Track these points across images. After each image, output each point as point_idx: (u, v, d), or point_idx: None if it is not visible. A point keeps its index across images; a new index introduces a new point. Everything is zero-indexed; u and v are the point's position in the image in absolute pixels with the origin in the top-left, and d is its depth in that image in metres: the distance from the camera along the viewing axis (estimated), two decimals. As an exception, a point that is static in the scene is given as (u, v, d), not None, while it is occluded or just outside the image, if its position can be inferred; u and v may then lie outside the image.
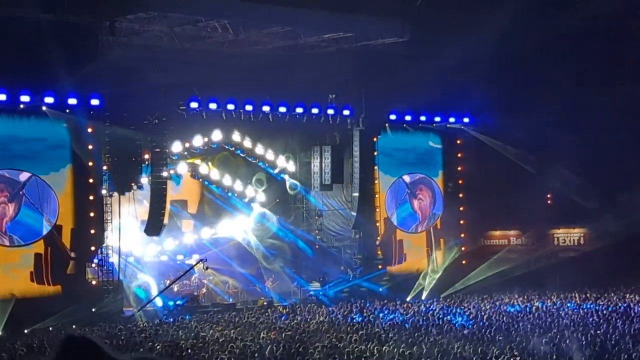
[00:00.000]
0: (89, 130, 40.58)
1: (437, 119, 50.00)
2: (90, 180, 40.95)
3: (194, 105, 42.93)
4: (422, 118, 49.52)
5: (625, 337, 28.17)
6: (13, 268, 39.26)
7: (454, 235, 50.51)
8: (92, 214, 41.00)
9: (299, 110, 45.56)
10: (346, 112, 46.82)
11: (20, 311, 36.86)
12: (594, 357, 23.66)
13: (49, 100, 39.43)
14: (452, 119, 50.52)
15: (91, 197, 41.04)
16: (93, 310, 39.61)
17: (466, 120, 50.69)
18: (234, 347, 27.25)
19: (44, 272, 39.85)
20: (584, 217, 51.82)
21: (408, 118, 49.12)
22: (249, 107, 44.19)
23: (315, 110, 46.09)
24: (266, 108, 44.61)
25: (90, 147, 40.69)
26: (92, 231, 40.98)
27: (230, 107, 43.82)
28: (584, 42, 47.65)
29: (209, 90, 43.17)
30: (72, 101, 39.90)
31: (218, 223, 48.87)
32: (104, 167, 41.43)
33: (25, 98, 38.97)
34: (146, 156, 41.66)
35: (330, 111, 46.41)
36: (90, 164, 40.80)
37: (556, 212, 52.44)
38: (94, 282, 41.25)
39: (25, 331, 34.19)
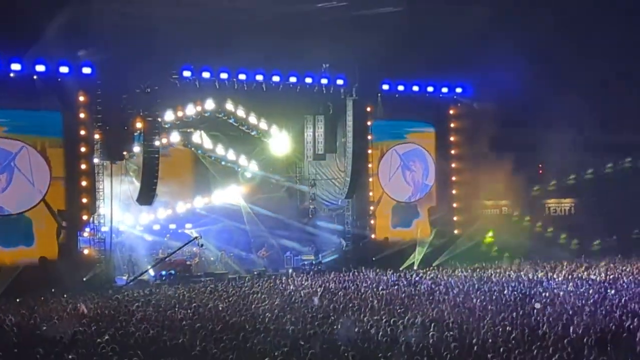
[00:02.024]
0: (81, 99, 40.42)
1: (430, 89, 49.81)
2: (82, 149, 40.84)
3: (186, 74, 42.79)
4: (415, 88, 49.31)
5: (615, 307, 28.20)
6: (5, 238, 39.24)
7: (446, 205, 50.48)
8: (84, 183, 40.91)
9: (293, 79, 45.42)
10: (340, 82, 46.69)
11: (12, 280, 36.83)
12: (583, 326, 23.64)
13: (40, 68, 39.28)
14: (444, 89, 50.32)
15: (83, 166, 40.94)
16: (84, 279, 39.61)
17: (459, 90, 50.50)
18: (225, 316, 27.24)
19: (35, 241, 39.84)
20: (576, 188, 52.00)
21: (401, 88, 48.93)
22: (242, 76, 44.06)
23: (308, 80, 45.97)
24: (259, 77, 44.49)
25: (82, 115, 40.55)
26: (84, 200, 40.91)
27: (224, 76, 43.68)
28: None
29: (203, 58, 42.96)
30: (64, 70, 39.78)
31: (211, 192, 48.88)
32: (96, 136, 41.29)
33: (16, 66, 38.82)
34: (138, 125, 41.49)
35: (324, 81, 46.29)
36: (83, 132, 40.70)
37: (548, 182, 52.56)
38: (85, 251, 41.23)
39: (18, 300, 34.09)
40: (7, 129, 39.35)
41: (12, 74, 38.91)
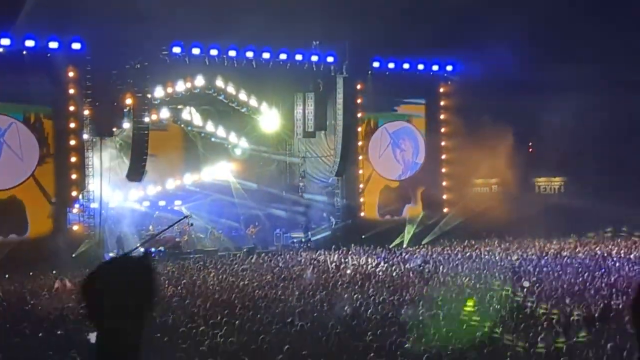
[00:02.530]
0: (70, 74, 40.28)
1: (421, 66, 49.73)
2: (72, 125, 40.73)
3: (176, 50, 42.66)
4: (406, 66, 49.23)
5: (604, 285, 28.32)
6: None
7: (436, 184, 50.52)
8: (73, 159, 40.82)
9: (283, 56, 45.29)
10: (330, 59, 46.55)
11: (2, 257, 36.79)
12: (575, 304, 23.75)
13: (30, 43, 39.10)
14: (435, 67, 50.26)
15: (72, 142, 40.85)
16: (73, 255, 39.56)
17: (449, 68, 50.45)
18: (215, 294, 27.29)
19: (25, 217, 39.80)
20: (565, 166, 52.15)
21: (391, 66, 48.84)
22: (232, 53, 43.92)
23: (299, 57, 45.86)
24: (250, 54, 44.35)
25: (71, 91, 40.43)
26: (74, 176, 40.84)
27: (214, 52, 43.55)
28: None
29: (193, 35, 42.81)
30: (53, 45, 39.60)
31: (201, 169, 48.86)
32: (86, 112, 41.17)
33: (5, 41, 38.63)
34: (128, 101, 41.37)
35: (314, 58, 46.19)
36: (72, 108, 40.57)
37: (538, 160, 52.66)
38: (75, 228, 41.20)
39: (7, 276, 34.09)
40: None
41: (0, 49, 38.70)
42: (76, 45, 39.93)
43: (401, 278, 31.38)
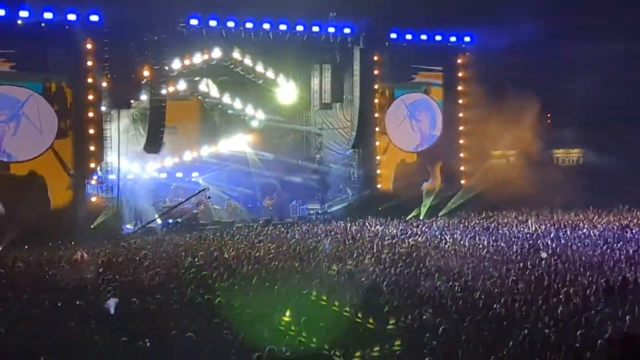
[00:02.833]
0: (88, 46, 40.30)
1: (438, 37, 49.44)
2: (90, 97, 40.78)
3: (193, 22, 42.57)
4: (423, 37, 48.98)
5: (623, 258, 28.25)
6: (14, 185, 39.28)
7: (453, 155, 50.36)
8: (91, 131, 40.90)
9: (300, 28, 45.10)
10: (347, 31, 46.37)
11: (23, 228, 36.86)
12: (593, 276, 23.71)
13: (48, 15, 39.09)
14: (453, 38, 50.00)
15: (91, 114, 40.91)
16: (91, 227, 39.74)
17: (467, 39, 50.18)
18: (232, 265, 27.38)
19: (47, 192, 39.93)
20: (583, 138, 51.94)
21: (409, 37, 48.61)
22: (249, 25, 43.80)
23: (315, 29, 45.66)
24: (266, 26, 44.23)
25: (89, 63, 40.46)
26: (92, 148, 40.92)
27: (231, 24, 43.44)
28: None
29: (210, 7, 42.74)
30: (72, 17, 39.61)
31: (218, 140, 48.90)
32: (104, 84, 41.22)
33: (23, 14, 38.65)
34: (146, 73, 41.38)
35: (331, 29, 45.99)
36: (90, 80, 40.60)
37: (556, 132, 52.45)
38: (93, 199, 41.34)
39: (26, 247, 34.24)
40: (16, 65, 39.11)
41: (20, 21, 38.74)
42: (94, 18, 39.91)
43: (418, 250, 31.36)
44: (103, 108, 41.56)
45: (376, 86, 48.28)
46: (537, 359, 15.09)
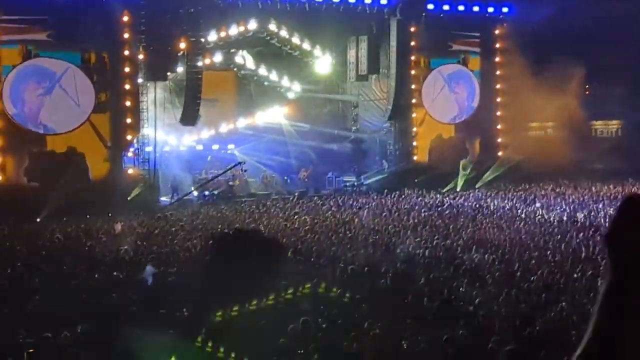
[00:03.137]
0: (125, 19, 40.40)
1: (476, 8, 49.11)
2: (127, 69, 40.91)
3: (229, -7, 42.56)
4: (461, 8, 48.65)
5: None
6: (51, 156, 39.50)
7: (490, 127, 50.10)
8: (128, 103, 41.05)
9: (336, -1, 44.99)
10: (383, 1, 46.09)
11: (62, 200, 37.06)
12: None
13: (84, -13, 39.21)
14: (490, 9, 49.64)
15: (127, 86, 41.04)
16: (128, 199, 39.94)
17: (505, 10, 49.80)
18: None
19: (86, 167, 40.13)
20: (622, 110, 51.48)
21: (446, 8, 48.29)
22: (285, -4, 43.75)
23: (352, 0, 45.46)
24: (303, -4, 44.14)
25: (126, 35, 40.58)
26: (128, 120, 41.10)
27: (266, -5, 43.38)
28: None
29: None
30: (109, -11, 39.72)
31: (254, 112, 48.91)
32: (140, 57, 41.31)
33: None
34: (182, 45, 41.43)
35: (368, 0, 45.75)
36: (127, 52, 40.75)
37: (595, 104, 51.98)
38: (130, 171, 41.55)
39: (65, 219, 34.43)
40: (53, 35, 39.26)
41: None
42: (130, -10, 40.07)
43: (455, 222, 31.28)
44: (139, 80, 41.67)
45: (412, 57, 48.05)
46: (575, 331, 14.99)
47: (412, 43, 47.63)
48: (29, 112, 39.16)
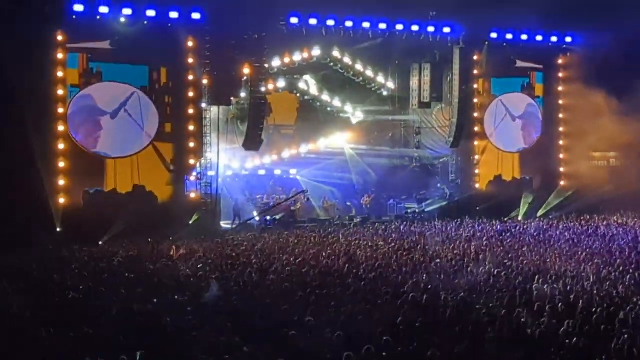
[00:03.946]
0: (190, 44, 40.86)
1: (539, 37, 48.94)
2: (190, 94, 41.33)
3: (294, 20, 42.79)
4: (524, 37, 48.53)
5: None
6: (116, 180, 39.99)
7: (552, 156, 49.80)
8: (191, 128, 41.44)
9: (399, 27, 45.00)
10: (447, 30, 46.09)
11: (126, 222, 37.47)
12: None
13: (151, 13, 39.65)
14: (554, 38, 49.43)
15: (191, 111, 41.46)
16: (190, 222, 40.24)
17: (569, 39, 49.56)
18: (327, 263, 27.47)
19: (143, 184, 40.58)
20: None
21: (509, 36, 48.20)
22: (349, 23, 43.87)
23: (415, 28, 45.49)
24: (366, 24, 44.25)
25: (190, 60, 41.02)
26: (192, 145, 41.45)
27: (330, 23, 43.55)
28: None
29: (310, 5, 42.94)
30: (174, 15, 40.16)
31: (317, 138, 49.07)
32: (204, 81, 41.72)
33: (127, 11, 39.25)
34: (246, 71, 41.77)
35: (431, 28, 45.73)
36: (191, 77, 41.19)
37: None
38: (192, 196, 41.85)
39: (126, 241, 34.78)
40: (118, 58, 39.79)
41: (122, 19, 39.38)
42: (196, 15, 40.46)
43: (516, 251, 31.07)
44: (203, 105, 42.06)
45: (475, 85, 47.99)
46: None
47: (475, 71, 47.56)
48: (94, 136, 39.70)
